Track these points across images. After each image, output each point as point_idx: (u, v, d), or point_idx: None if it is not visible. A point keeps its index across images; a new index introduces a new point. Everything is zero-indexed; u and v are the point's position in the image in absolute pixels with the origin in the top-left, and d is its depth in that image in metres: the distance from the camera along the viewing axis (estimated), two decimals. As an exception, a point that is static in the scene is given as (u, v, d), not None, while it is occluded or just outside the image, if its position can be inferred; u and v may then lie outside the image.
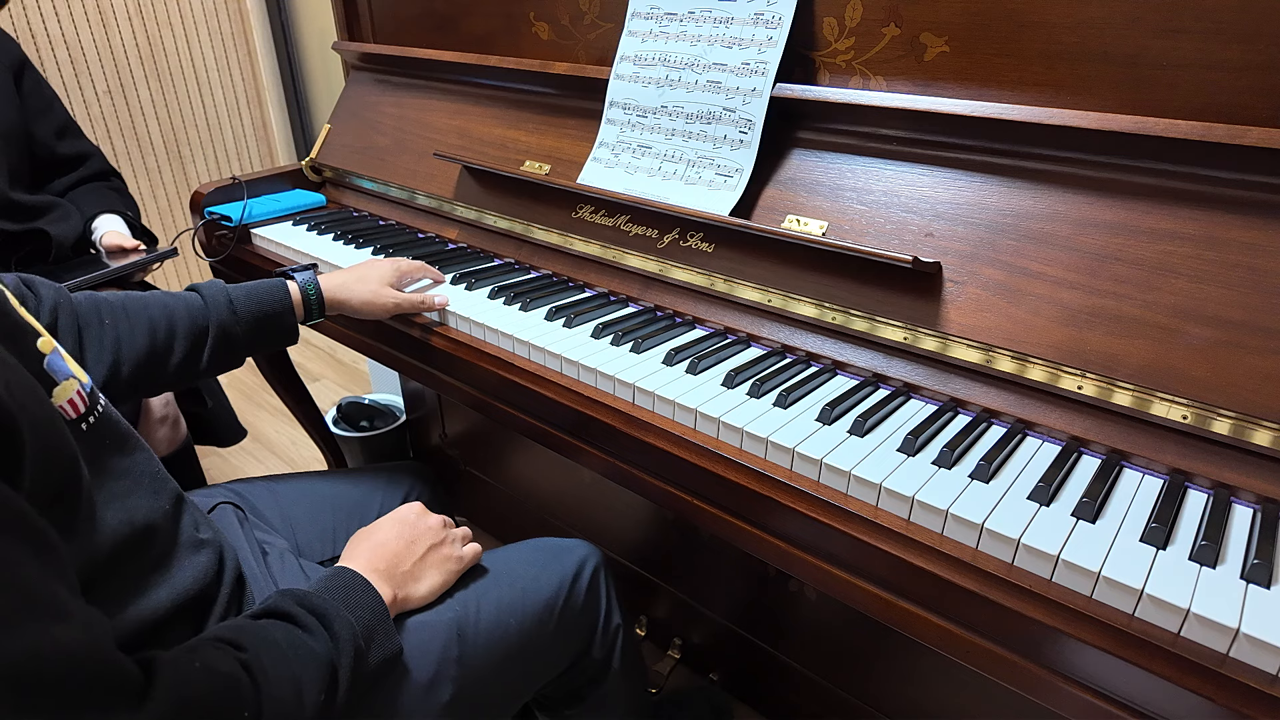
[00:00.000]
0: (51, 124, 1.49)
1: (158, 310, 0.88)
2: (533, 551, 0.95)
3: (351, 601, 0.71)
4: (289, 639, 0.63)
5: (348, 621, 0.68)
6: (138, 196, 2.48)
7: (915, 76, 0.90)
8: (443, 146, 1.35)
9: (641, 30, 1.10)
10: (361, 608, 0.72)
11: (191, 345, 0.89)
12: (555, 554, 0.95)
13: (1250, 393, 0.67)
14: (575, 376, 0.93)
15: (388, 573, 0.79)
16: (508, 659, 0.85)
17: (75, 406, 0.62)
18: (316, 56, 2.64)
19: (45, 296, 0.81)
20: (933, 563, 0.67)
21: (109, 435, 0.66)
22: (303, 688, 0.61)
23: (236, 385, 2.54)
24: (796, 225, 0.95)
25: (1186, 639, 0.57)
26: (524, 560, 0.93)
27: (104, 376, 0.83)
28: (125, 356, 0.84)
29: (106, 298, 0.86)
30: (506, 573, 0.90)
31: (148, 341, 0.86)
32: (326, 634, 0.66)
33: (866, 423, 0.78)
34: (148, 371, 0.86)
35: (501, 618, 0.85)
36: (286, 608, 0.67)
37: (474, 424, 1.75)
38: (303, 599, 0.68)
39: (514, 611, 0.86)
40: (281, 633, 0.64)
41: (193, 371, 0.91)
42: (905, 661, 1.13)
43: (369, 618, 0.71)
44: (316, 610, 0.68)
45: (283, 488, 1.03)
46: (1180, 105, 0.75)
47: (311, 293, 0.99)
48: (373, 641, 0.71)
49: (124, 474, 0.66)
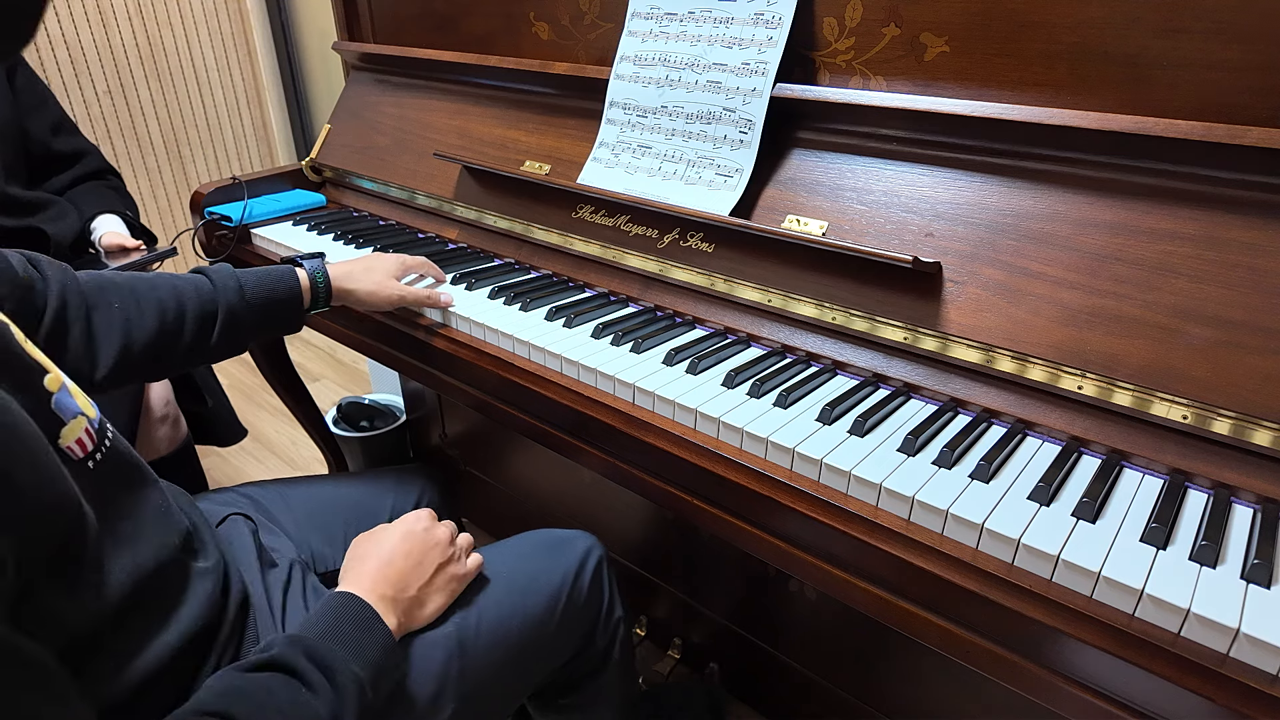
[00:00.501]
0: (46, 120, 1.49)
1: (167, 292, 0.87)
2: (533, 547, 0.94)
3: (361, 645, 0.69)
4: (291, 699, 0.61)
5: (354, 676, 0.66)
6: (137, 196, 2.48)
7: (915, 76, 0.90)
8: (443, 146, 1.35)
9: (641, 30, 1.10)
10: (371, 648, 0.69)
11: (200, 328, 0.88)
12: (556, 548, 0.94)
13: (1250, 393, 0.67)
14: (575, 376, 0.93)
15: (395, 599, 0.76)
16: (509, 663, 0.84)
17: (83, 445, 0.61)
18: (316, 56, 2.64)
19: (52, 277, 0.79)
20: (933, 563, 0.67)
21: (117, 470, 0.65)
22: None
23: (236, 385, 2.54)
24: (796, 225, 0.95)
25: (1186, 639, 0.57)
26: (524, 556, 0.92)
27: (114, 358, 0.81)
28: (136, 338, 0.83)
29: (114, 279, 0.85)
30: (506, 572, 0.89)
31: (157, 323, 0.85)
32: (331, 690, 0.64)
33: (866, 423, 0.78)
34: (157, 353, 0.85)
35: (502, 622, 0.84)
36: (292, 661, 0.64)
37: (474, 424, 1.75)
38: (310, 649, 0.65)
39: (515, 614, 0.85)
40: (283, 691, 0.61)
41: (201, 354, 0.90)
42: (905, 661, 1.13)
43: (377, 657, 0.70)
44: (323, 664, 0.65)
45: (294, 492, 1.03)
46: (1180, 105, 0.75)
47: (320, 280, 0.99)
48: (379, 683, 0.69)
49: (131, 513, 0.65)
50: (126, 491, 0.66)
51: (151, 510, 0.68)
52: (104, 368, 0.81)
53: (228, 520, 0.89)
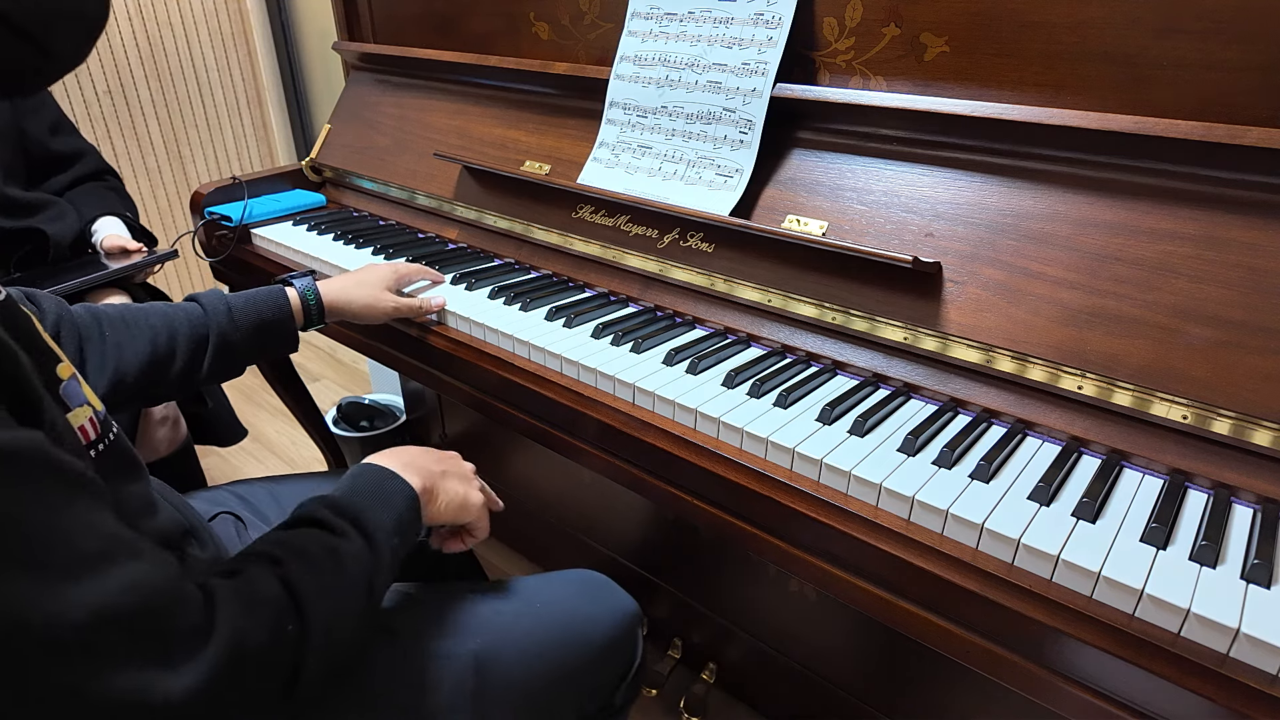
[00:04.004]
0: (44, 120, 1.49)
1: (158, 320, 0.88)
2: (574, 588, 0.89)
3: (383, 494, 0.70)
4: (324, 547, 0.63)
5: (381, 522, 0.67)
6: (137, 196, 2.48)
7: (915, 76, 0.90)
8: (443, 146, 1.35)
9: (641, 30, 1.10)
10: (395, 496, 0.71)
11: (192, 354, 0.89)
12: (597, 596, 0.90)
13: (1250, 393, 0.67)
14: (575, 376, 0.93)
15: (412, 465, 0.76)
16: (530, 696, 0.79)
17: (85, 433, 0.62)
18: (316, 56, 2.64)
19: (48, 310, 0.82)
20: (933, 563, 0.67)
21: (118, 462, 0.66)
22: (341, 595, 0.61)
23: (236, 385, 2.54)
24: (796, 225, 0.95)
25: (1187, 639, 0.57)
26: (562, 595, 0.87)
27: (106, 387, 0.83)
28: (128, 366, 0.84)
29: (105, 310, 0.87)
30: (541, 606, 0.85)
31: (149, 350, 0.86)
32: (361, 537, 0.65)
33: (866, 423, 0.78)
34: (149, 380, 0.86)
35: (527, 655, 0.80)
36: (319, 514, 0.66)
37: (474, 424, 1.75)
38: (334, 504, 0.67)
39: (543, 652, 0.81)
40: (316, 543, 0.63)
41: (193, 380, 0.91)
42: (905, 661, 1.13)
43: (402, 507, 0.71)
44: (349, 514, 0.66)
45: (284, 489, 1.03)
46: (1180, 105, 0.75)
47: (311, 299, 0.99)
48: (406, 532, 0.70)
49: (129, 502, 0.66)
50: (126, 485, 0.67)
51: (148, 503, 0.69)
52: (96, 395, 0.82)
53: (216, 519, 0.90)
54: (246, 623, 0.52)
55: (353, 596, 0.62)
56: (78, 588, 0.44)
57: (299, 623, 0.56)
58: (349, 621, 0.61)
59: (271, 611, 0.55)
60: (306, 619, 0.56)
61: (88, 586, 0.44)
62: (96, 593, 0.45)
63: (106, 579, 0.45)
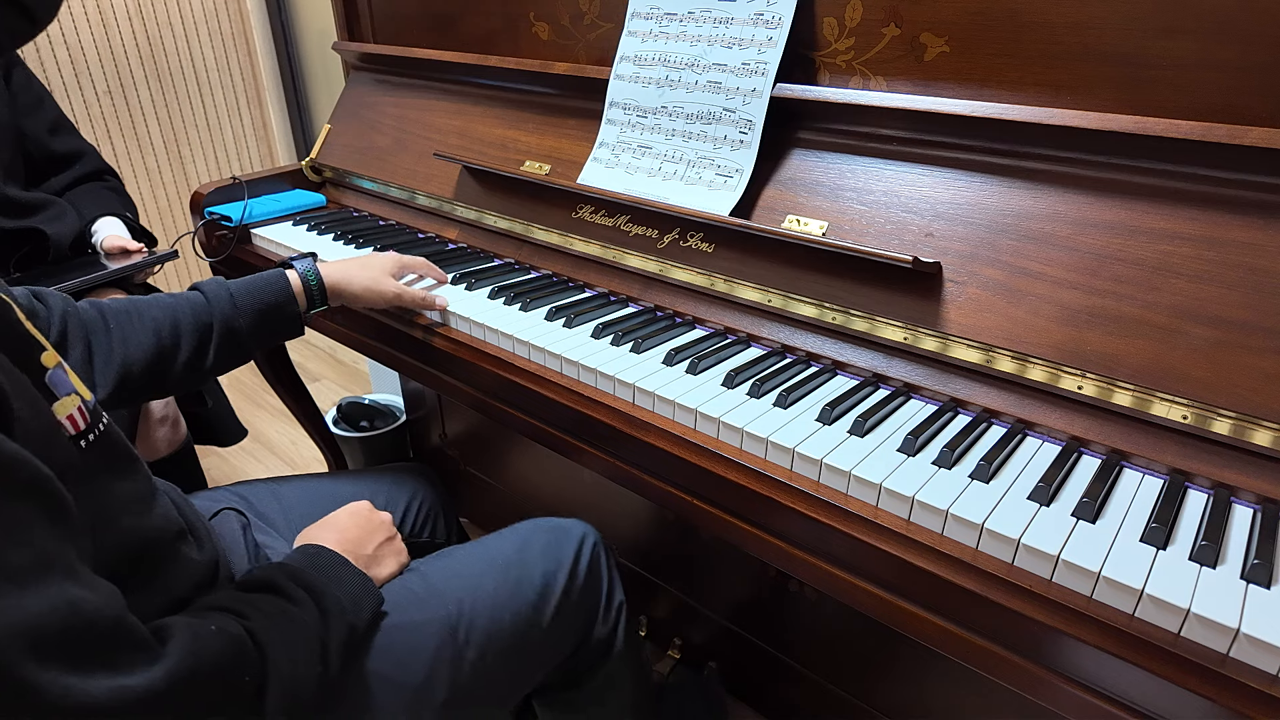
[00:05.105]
0: (43, 120, 1.49)
1: (161, 311, 0.88)
2: (527, 535, 0.94)
3: (333, 576, 0.74)
4: (280, 609, 0.65)
5: (335, 597, 0.71)
6: (137, 197, 2.48)
7: (915, 76, 0.90)
8: (443, 146, 1.35)
9: (641, 30, 1.10)
10: (345, 581, 0.74)
11: (197, 343, 0.89)
12: (551, 537, 0.94)
13: (1250, 393, 0.67)
14: (575, 376, 0.93)
15: (355, 554, 0.81)
16: (506, 652, 0.84)
17: (75, 423, 0.61)
18: (316, 56, 2.64)
19: (54, 306, 0.82)
20: (933, 563, 0.67)
21: (108, 454, 0.65)
22: (299, 659, 0.63)
23: (236, 385, 2.54)
24: (796, 225, 0.95)
25: (1187, 639, 0.57)
26: (518, 546, 0.92)
27: (114, 379, 0.83)
28: (134, 360, 0.84)
29: (109, 304, 0.87)
30: (501, 562, 0.89)
31: (154, 342, 0.86)
32: (316, 609, 0.68)
33: (866, 423, 0.78)
34: (156, 372, 0.86)
35: (496, 612, 0.84)
36: (278, 581, 0.68)
37: (474, 424, 1.75)
38: (294, 574, 0.70)
39: (509, 604, 0.86)
40: (273, 606, 0.65)
41: (200, 370, 0.91)
42: (905, 661, 1.13)
43: (354, 588, 0.75)
44: (306, 585, 0.69)
45: (286, 489, 1.03)
46: (1180, 105, 0.75)
47: (313, 280, 0.99)
48: (361, 609, 0.74)
49: (119, 498, 0.66)
50: (117, 479, 0.66)
51: (141, 496, 0.69)
52: (104, 389, 0.82)
53: (220, 514, 0.90)
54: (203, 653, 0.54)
55: (310, 660, 0.64)
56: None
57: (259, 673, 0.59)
58: (304, 684, 0.63)
59: (233, 660, 0.57)
60: (268, 673, 0.59)
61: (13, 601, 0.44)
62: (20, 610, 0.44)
63: (28, 597, 0.45)
